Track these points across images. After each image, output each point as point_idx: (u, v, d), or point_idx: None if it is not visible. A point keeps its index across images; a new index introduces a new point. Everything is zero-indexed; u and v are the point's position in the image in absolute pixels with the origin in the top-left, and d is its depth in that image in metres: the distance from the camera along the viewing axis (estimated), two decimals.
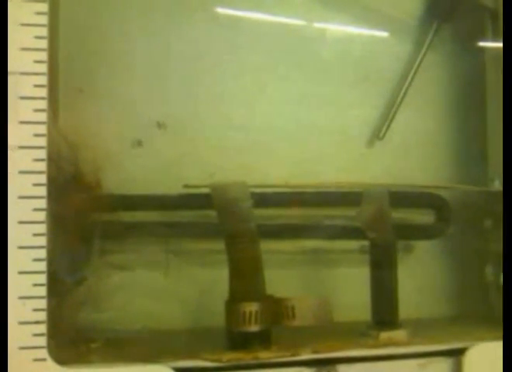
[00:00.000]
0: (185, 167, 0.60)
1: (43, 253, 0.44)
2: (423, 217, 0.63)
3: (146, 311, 0.57)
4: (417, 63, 0.65)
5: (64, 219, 0.47)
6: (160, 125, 0.60)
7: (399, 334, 0.54)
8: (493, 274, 0.62)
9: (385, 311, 0.55)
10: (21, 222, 0.43)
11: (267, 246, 0.54)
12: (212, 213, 0.53)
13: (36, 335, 0.43)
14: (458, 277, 0.66)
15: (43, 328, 0.43)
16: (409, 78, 0.65)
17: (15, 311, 0.43)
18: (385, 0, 0.66)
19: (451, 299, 0.66)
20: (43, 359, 0.43)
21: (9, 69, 0.44)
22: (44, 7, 0.45)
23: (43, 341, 0.43)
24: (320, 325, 0.52)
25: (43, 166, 0.44)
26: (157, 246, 0.58)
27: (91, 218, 0.52)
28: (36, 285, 0.43)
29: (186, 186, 0.55)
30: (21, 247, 0.43)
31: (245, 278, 0.52)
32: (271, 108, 0.63)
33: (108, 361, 0.47)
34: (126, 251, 0.58)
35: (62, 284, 0.48)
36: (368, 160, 0.65)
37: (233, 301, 0.51)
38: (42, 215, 0.44)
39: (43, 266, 0.44)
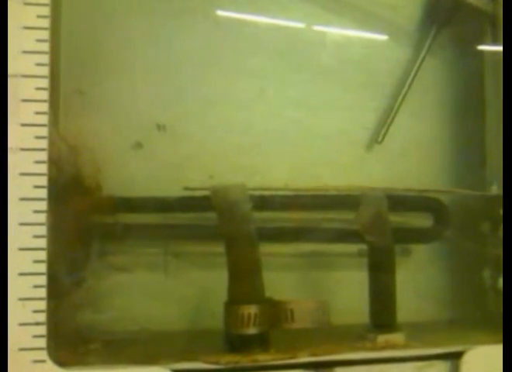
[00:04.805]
0: (184, 169, 0.60)
1: (43, 255, 0.44)
2: (422, 221, 0.63)
3: (145, 313, 0.57)
4: (416, 67, 0.65)
5: (64, 221, 0.47)
6: (159, 128, 0.60)
7: (396, 337, 0.54)
8: (491, 278, 0.63)
9: (383, 315, 0.55)
10: (22, 224, 0.44)
11: (266, 248, 0.54)
12: (212, 215, 0.53)
13: (35, 336, 0.43)
14: (456, 280, 0.66)
15: (42, 330, 0.44)
16: (408, 82, 0.65)
17: (15, 312, 0.43)
18: (384, 4, 0.66)
19: (448, 303, 0.66)
20: (43, 361, 0.44)
21: (11, 71, 0.44)
22: (46, 10, 0.45)
23: (42, 342, 0.44)
24: (319, 327, 0.52)
25: (43, 168, 0.44)
26: (157, 248, 0.59)
27: (92, 219, 0.52)
28: (36, 287, 0.43)
29: (186, 188, 0.56)
30: (21, 249, 0.43)
31: (244, 281, 0.52)
32: (271, 111, 0.64)
33: (107, 363, 0.47)
34: (126, 253, 0.58)
35: (62, 285, 0.48)
36: (366, 164, 0.65)
37: (232, 303, 0.51)
38: (42, 217, 0.44)
39: (43, 267, 0.44)
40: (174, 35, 0.61)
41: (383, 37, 0.67)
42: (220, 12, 0.63)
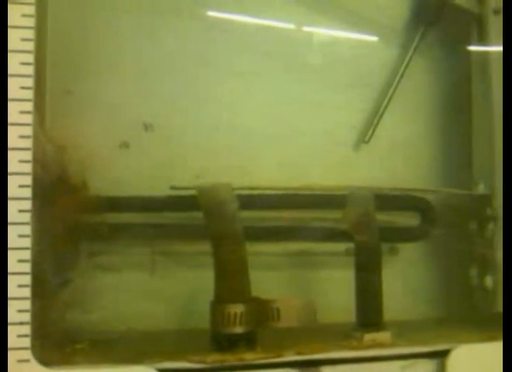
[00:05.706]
0: (171, 168, 0.60)
1: (27, 255, 0.44)
2: (409, 220, 0.64)
3: (132, 313, 0.57)
4: (403, 67, 0.65)
5: (49, 221, 0.47)
6: (146, 127, 0.60)
7: (383, 336, 0.54)
8: (478, 276, 0.63)
9: (369, 313, 0.55)
10: None
11: (253, 247, 0.54)
12: (199, 215, 0.53)
13: (20, 336, 0.43)
14: (443, 279, 0.66)
15: (27, 330, 0.43)
16: (396, 82, 0.65)
17: None
18: (372, 5, 0.67)
19: (435, 301, 0.66)
20: (27, 360, 0.43)
21: None
22: (31, 9, 0.45)
23: (27, 342, 0.43)
24: (305, 326, 0.52)
25: (28, 167, 0.44)
26: (144, 248, 0.59)
27: (78, 219, 0.52)
28: (20, 286, 0.43)
29: (173, 187, 0.56)
30: None
31: (230, 280, 0.52)
32: (259, 110, 0.64)
33: (93, 362, 0.47)
34: (113, 252, 0.58)
35: (47, 285, 0.48)
36: (354, 163, 0.65)
37: (219, 302, 0.51)
38: (27, 217, 0.44)
39: (27, 267, 0.44)
40: (163, 34, 0.61)
41: (371, 37, 0.67)
42: (209, 12, 0.63)
